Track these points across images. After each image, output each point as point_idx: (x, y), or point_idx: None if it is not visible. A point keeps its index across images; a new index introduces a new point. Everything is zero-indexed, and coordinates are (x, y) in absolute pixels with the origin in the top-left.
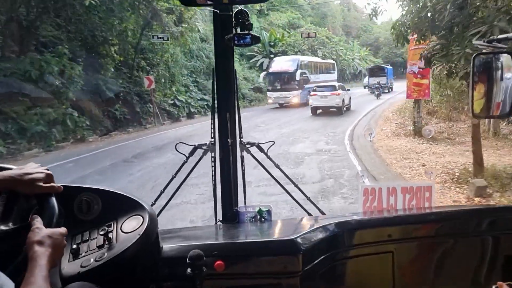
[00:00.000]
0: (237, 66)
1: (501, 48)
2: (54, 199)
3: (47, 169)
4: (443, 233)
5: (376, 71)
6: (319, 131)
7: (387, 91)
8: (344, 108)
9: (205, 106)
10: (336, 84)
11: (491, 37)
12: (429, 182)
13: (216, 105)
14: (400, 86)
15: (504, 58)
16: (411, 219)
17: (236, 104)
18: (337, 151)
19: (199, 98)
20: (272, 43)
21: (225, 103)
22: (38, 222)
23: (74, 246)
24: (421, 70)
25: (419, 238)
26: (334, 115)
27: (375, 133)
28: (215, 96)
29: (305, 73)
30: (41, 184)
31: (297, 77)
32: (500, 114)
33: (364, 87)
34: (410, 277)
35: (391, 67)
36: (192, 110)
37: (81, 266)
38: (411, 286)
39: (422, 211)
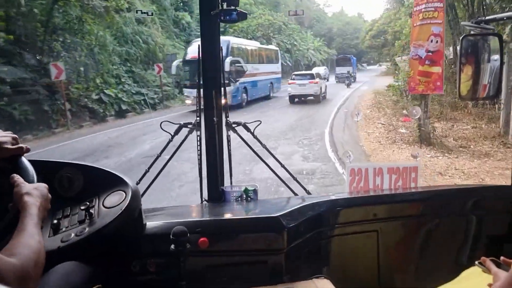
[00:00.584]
0: (182, 55)
1: (489, 29)
2: (25, 159)
3: (12, 132)
4: (428, 212)
5: (342, 61)
6: (288, 136)
7: (353, 80)
8: (321, 96)
9: (142, 102)
10: (314, 72)
11: (479, 18)
12: (415, 163)
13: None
14: (359, 77)
15: (492, 40)
16: (397, 198)
17: (222, 82)
18: (325, 173)
19: (134, 92)
20: (221, 29)
21: (211, 81)
22: (19, 179)
23: (55, 221)
24: (430, 54)
25: (404, 217)
26: (309, 105)
27: (361, 115)
28: (201, 73)
29: (238, 61)
30: (9, 146)
31: (227, 68)
32: (486, 96)
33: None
34: (394, 255)
35: (355, 58)
36: (124, 107)
37: (62, 241)
38: (395, 263)
39: (408, 191)
